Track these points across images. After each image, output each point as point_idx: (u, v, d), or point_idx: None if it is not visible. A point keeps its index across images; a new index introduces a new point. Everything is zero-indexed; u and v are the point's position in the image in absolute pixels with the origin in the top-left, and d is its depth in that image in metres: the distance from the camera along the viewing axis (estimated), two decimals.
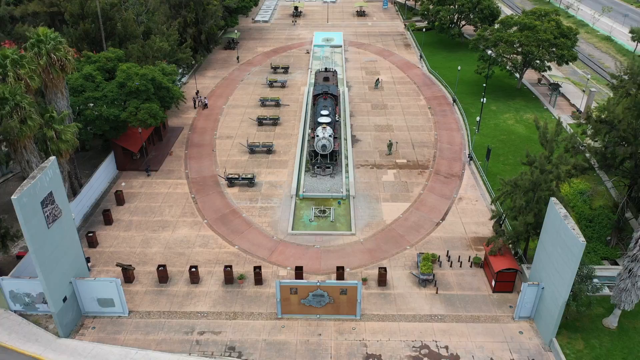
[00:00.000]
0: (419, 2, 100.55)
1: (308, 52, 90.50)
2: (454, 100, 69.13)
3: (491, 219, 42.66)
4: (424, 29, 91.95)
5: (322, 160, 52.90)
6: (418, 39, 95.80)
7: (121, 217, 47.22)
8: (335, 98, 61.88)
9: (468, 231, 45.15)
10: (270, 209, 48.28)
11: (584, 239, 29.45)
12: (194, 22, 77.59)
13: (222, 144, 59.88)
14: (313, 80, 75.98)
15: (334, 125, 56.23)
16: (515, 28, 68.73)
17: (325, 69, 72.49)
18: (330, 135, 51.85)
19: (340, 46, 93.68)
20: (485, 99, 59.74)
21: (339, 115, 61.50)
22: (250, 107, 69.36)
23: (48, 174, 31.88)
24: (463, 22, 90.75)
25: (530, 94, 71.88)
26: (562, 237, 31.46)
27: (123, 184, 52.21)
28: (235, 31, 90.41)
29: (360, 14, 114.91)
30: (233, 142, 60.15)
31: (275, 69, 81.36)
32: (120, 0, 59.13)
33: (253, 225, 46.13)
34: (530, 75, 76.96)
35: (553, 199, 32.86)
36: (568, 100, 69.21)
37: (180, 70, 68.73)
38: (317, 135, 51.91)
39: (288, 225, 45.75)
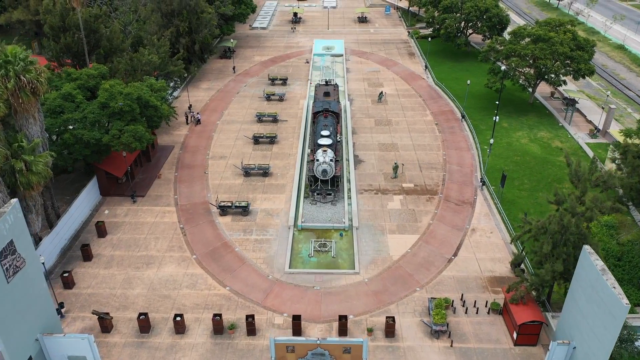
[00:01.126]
0: (424, 9, 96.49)
1: (307, 62, 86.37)
2: (463, 116, 64.97)
3: (512, 263, 38.44)
4: (429, 38, 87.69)
5: (323, 186, 48.72)
6: (423, 47, 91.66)
7: (102, 251, 43.02)
8: (337, 115, 57.71)
9: (483, 269, 40.94)
10: (265, 242, 44.08)
11: (627, 302, 25.28)
12: (187, 31, 73.44)
13: (215, 165, 55.70)
14: (313, 93, 71.93)
15: (335, 146, 52.06)
16: (527, 39, 64.59)
17: (326, 82, 68.36)
18: (331, 160, 47.69)
19: (342, 55, 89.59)
20: (497, 117, 55.54)
21: (341, 134, 57.30)
22: (246, 123, 65.18)
23: (7, 221, 27.69)
24: (470, 31, 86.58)
25: (544, 109, 67.69)
26: (599, 295, 27.29)
27: (106, 211, 48.04)
28: (231, 40, 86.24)
29: (362, 20, 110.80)
30: (227, 163, 55.97)
31: (273, 80, 77.23)
32: (105, 12, 54.91)
33: (247, 261, 41.93)
34: (542, 88, 72.81)
35: (587, 248, 28.70)
36: (584, 116, 65.03)
37: (171, 84, 64.62)
38: (317, 160, 47.74)
39: (285, 261, 41.56)
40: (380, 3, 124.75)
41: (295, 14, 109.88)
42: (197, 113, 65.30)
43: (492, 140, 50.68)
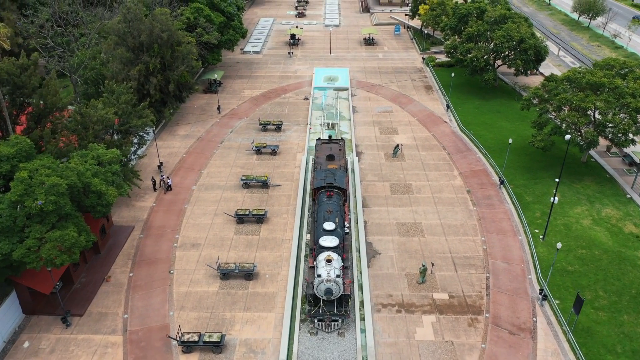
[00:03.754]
0: (442, 34, 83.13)
1: (307, 98, 73.09)
2: (502, 182, 51.54)
3: None
4: (452, 74, 73.58)
5: (326, 309, 35.24)
6: (441, 78, 78.42)
7: None
8: (344, 192, 44.32)
9: None
10: None
11: None
12: (160, 68, 60.09)
13: (184, 260, 42.33)
14: (312, 144, 58.87)
15: (343, 244, 38.67)
16: (580, 78, 51.03)
17: (329, 136, 54.90)
18: (338, 275, 34.29)
19: (347, 89, 76.30)
20: (556, 198, 42.17)
21: (349, 221, 43.74)
22: (229, 189, 51.88)
23: None
24: (499, 62, 73.29)
25: (601, 171, 54.19)
26: None
27: (26, 343, 34.67)
28: (215, 76, 72.81)
29: (369, 42, 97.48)
30: (200, 257, 42.60)
31: (264, 125, 63.89)
32: (35, 60, 41.58)
33: None
34: None
35: None
36: None
37: (135, 140, 51.26)
38: (319, 275, 34.32)
39: None
40: (388, 21, 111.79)
41: (292, 36, 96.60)
42: (167, 177, 51.89)
43: (559, 245, 36.95)
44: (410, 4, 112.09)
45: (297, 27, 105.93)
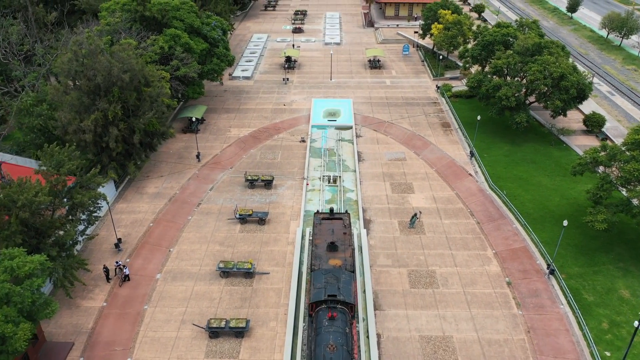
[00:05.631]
0: (462, 60, 71.82)
1: (304, 141, 61.84)
2: (552, 271, 40.29)
3: None
4: (478, 117, 61.04)
5: None
6: (460, 113, 67.14)
7: None
8: (351, 307, 33.01)
9: None
10: None
11: None
12: (123, 114, 48.80)
13: None
14: (310, 208, 47.74)
15: None
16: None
17: (331, 210, 43.35)
18: None
19: (350, 127, 65.04)
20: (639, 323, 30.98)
21: (358, 351, 32.41)
22: (203, 279, 40.68)
23: None
24: (531, 99, 61.91)
25: None
26: None
27: None
28: (194, 118, 61.32)
29: (374, 65, 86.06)
30: None
31: (251, 182, 52.59)
32: None
33: None
34: None
35: None
36: None
37: (83, 217, 39.95)
38: None
39: None
40: (395, 38, 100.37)
41: (288, 58, 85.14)
42: (124, 266, 40.55)
43: None
44: (418, 18, 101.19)
45: (293, 46, 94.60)
